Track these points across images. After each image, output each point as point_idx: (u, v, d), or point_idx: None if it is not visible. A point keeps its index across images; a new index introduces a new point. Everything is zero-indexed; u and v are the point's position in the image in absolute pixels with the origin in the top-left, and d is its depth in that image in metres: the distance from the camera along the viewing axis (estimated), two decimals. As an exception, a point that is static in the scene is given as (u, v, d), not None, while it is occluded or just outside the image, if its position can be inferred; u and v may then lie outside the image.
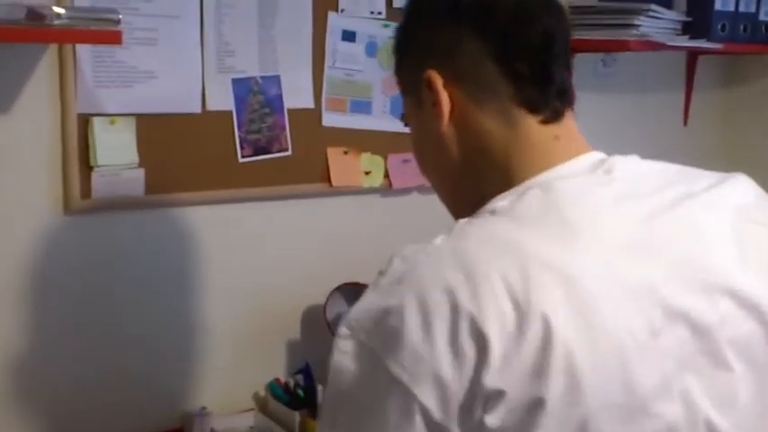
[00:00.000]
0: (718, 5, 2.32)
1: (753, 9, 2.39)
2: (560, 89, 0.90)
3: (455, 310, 0.74)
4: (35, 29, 1.30)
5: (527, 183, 0.86)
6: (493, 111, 0.88)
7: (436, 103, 0.90)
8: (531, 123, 0.88)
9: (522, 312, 0.73)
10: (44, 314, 1.67)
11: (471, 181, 0.92)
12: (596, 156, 0.90)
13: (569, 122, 0.91)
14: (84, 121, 1.63)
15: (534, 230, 0.79)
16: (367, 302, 0.80)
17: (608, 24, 2.16)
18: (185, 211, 1.80)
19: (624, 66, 2.43)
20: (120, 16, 1.36)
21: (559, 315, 0.74)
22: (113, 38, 1.34)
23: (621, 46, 2.17)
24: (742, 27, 2.38)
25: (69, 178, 1.64)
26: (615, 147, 0.93)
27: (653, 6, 2.21)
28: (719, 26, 2.33)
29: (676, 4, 2.49)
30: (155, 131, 1.72)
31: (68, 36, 1.32)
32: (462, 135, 0.90)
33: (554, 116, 0.89)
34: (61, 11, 1.28)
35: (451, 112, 0.89)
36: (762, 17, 2.41)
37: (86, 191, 1.65)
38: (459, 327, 0.74)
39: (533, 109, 0.88)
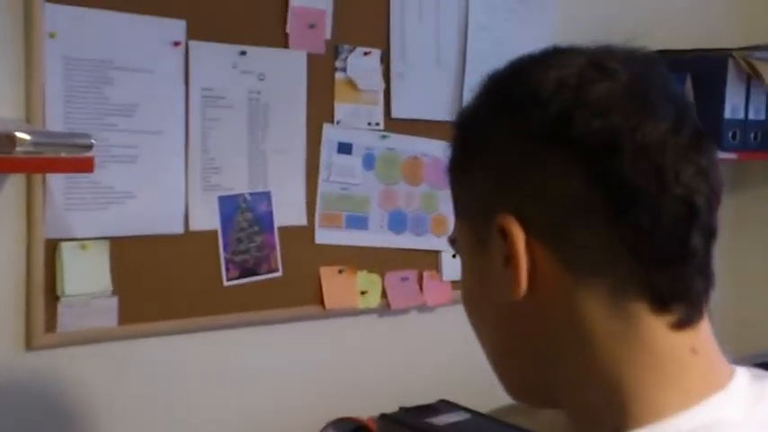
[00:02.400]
0: (728, 114, 2.22)
1: (762, 116, 2.30)
2: (702, 267, 0.62)
3: None
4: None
5: (672, 423, 0.60)
6: (599, 291, 0.61)
7: (511, 264, 0.62)
8: (656, 326, 0.61)
9: None
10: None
11: (541, 366, 0.66)
12: (743, 378, 0.65)
13: (706, 323, 0.64)
14: (53, 246, 1.48)
15: None
16: None
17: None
18: (164, 341, 1.62)
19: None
20: (93, 141, 1.21)
21: None
22: (84, 166, 1.18)
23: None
24: (752, 135, 2.29)
25: (33, 310, 1.47)
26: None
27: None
28: (730, 134, 2.23)
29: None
30: (131, 255, 1.56)
31: (32, 165, 1.15)
32: (543, 311, 0.63)
33: (693, 316, 0.62)
34: (26, 137, 1.12)
35: (532, 277, 0.62)
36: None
37: (52, 323, 1.49)
38: None
39: (661, 304, 0.61)
